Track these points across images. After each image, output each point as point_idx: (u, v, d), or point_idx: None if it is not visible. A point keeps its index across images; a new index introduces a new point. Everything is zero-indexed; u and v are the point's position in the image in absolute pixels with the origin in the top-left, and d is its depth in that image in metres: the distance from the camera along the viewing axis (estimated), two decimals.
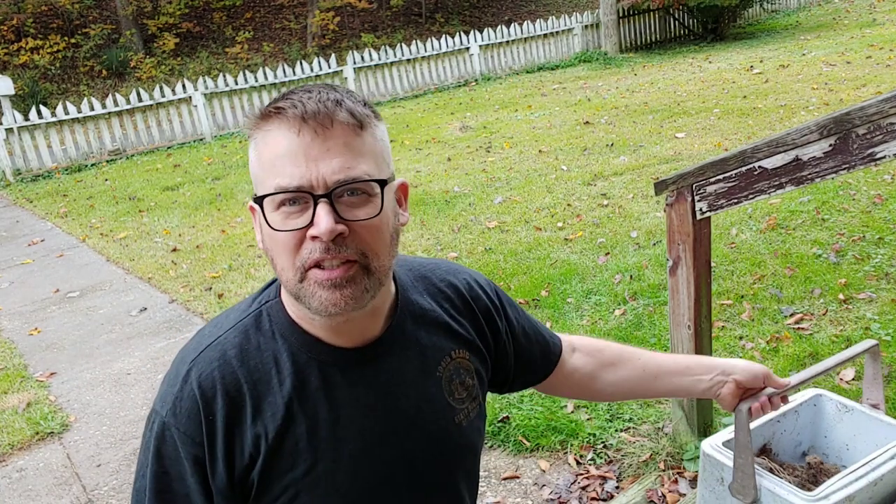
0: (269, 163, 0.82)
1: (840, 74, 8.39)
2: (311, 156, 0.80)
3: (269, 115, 0.83)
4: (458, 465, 1.02)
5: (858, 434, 1.22)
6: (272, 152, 0.82)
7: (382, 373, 0.94)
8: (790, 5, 16.52)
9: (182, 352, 0.94)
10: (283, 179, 0.80)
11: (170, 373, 0.93)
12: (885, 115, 1.55)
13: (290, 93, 0.84)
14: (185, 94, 10.92)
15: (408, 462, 0.95)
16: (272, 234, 0.83)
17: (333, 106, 0.82)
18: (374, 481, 0.93)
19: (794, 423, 1.27)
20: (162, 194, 7.98)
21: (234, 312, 0.96)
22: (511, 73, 13.47)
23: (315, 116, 0.80)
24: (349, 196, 0.82)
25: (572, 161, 6.63)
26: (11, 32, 15.62)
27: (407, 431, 0.95)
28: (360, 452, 0.92)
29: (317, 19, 15.87)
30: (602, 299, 3.79)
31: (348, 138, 0.82)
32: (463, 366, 1.02)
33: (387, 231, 0.86)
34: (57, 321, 4.75)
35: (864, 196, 4.58)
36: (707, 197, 2.04)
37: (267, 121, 0.83)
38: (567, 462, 2.62)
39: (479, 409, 1.05)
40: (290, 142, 0.81)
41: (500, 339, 1.10)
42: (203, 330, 0.96)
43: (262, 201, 0.82)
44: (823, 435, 1.29)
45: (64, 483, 2.96)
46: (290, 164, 0.80)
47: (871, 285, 3.46)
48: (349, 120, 0.82)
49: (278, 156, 0.81)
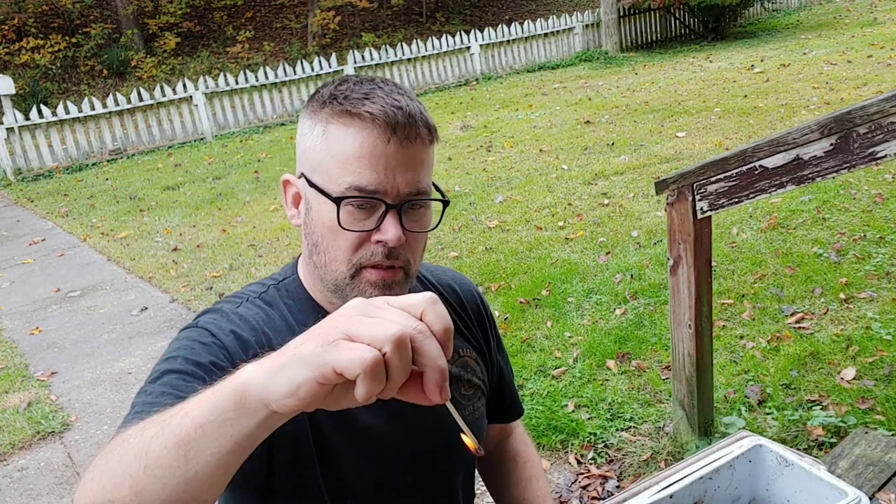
0: (346, 160, 0.83)
1: (841, 73, 8.38)
2: (391, 165, 0.83)
3: (359, 116, 0.83)
4: (459, 463, 1.04)
5: (799, 491, 1.15)
6: (353, 151, 0.83)
7: None
8: (791, 4, 16.51)
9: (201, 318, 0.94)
10: (361, 181, 0.83)
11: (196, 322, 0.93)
12: (886, 114, 1.55)
13: (373, 92, 0.84)
14: (186, 93, 10.93)
15: (411, 453, 0.96)
16: (336, 228, 0.85)
17: (419, 119, 0.85)
18: (377, 465, 0.94)
19: (729, 478, 1.18)
20: (163, 194, 7.98)
21: (251, 287, 0.98)
22: (512, 72, 13.47)
23: (404, 129, 0.83)
24: (411, 209, 0.87)
25: (573, 160, 6.63)
26: (12, 32, 15.62)
27: (413, 423, 0.96)
28: (368, 437, 0.93)
29: (317, 19, 15.87)
30: (603, 298, 3.79)
31: (422, 153, 0.86)
32: (470, 365, 1.05)
33: (426, 241, 0.93)
34: (58, 321, 4.75)
35: (864, 195, 4.57)
36: (708, 196, 2.04)
37: (352, 118, 0.83)
38: (568, 461, 2.62)
39: (483, 409, 1.07)
40: (376, 147, 0.82)
41: (493, 354, 1.14)
42: (222, 306, 0.95)
43: (340, 201, 0.84)
44: (765, 488, 1.21)
45: (65, 482, 2.96)
46: (369, 168, 0.83)
47: (872, 284, 3.46)
48: (427, 135, 0.86)
49: (360, 157, 0.83)
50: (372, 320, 0.53)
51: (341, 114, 0.84)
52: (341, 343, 0.52)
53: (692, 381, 2.38)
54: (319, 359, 0.52)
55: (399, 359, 0.52)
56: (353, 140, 0.83)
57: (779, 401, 2.69)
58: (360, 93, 0.84)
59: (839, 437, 2.40)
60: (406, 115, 0.83)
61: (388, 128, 0.82)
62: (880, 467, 1.74)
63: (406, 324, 0.53)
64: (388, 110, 0.82)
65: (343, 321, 0.54)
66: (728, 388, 2.83)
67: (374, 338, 0.52)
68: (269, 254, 5.40)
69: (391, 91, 0.85)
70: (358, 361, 0.51)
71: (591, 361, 3.19)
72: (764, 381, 2.83)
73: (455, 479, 1.05)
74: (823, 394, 2.69)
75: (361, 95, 0.84)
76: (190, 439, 0.57)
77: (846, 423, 2.47)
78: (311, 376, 0.53)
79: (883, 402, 2.56)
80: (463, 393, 1.03)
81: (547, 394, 2.99)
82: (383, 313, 0.54)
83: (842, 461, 1.79)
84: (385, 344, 0.51)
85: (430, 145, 0.87)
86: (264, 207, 6.75)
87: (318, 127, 0.86)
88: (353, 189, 0.83)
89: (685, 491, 1.16)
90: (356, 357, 0.51)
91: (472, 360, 1.06)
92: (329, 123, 0.85)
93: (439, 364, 0.54)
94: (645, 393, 2.92)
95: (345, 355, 0.51)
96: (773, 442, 1.21)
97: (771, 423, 2.56)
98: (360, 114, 0.83)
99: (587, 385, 3.02)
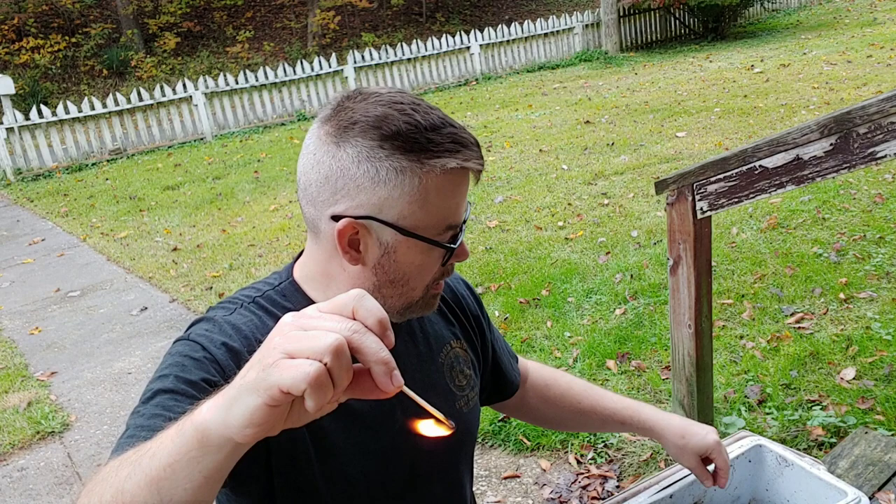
0: (443, 208, 0.86)
1: (841, 73, 8.38)
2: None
3: (458, 170, 0.84)
4: (457, 452, 1.06)
5: (799, 491, 1.16)
6: (449, 200, 0.86)
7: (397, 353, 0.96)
8: (791, 4, 16.50)
9: (196, 327, 0.92)
10: (458, 219, 0.88)
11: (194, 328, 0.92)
12: (885, 114, 1.55)
13: (452, 133, 0.84)
14: (186, 93, 10.93)
15: (410, 444, 0.96)
16: (429, 268, 0.89)
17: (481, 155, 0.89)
18: (379, 461, 0.94)
19: (729, 478, 1.18)
20: (162, 194, 7.98)
21: (245, 291, 0.97)
22: (512, 72, 13.47)
23: (481, 171, 0.87)
24: None
25: (573, 160, 6.63)
26: (12, 32, 15.62)
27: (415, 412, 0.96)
28: (367, 428, 0.93)
29: (317, 18, 15.87)
30: (603, 298, 3.79)
31: None
32: (462, 356, 1.06)
33: None
34: (57, 320, 4.75)
35: (864, 195, 4.57)
36: (708, 196, 2.04)
37: (455, 173, 0.84)
38: (567, 461, 2.62)
39: (477, 398, 1.09)
40: (465, 189, 0.88)
41: (486, 343, 1.15)
42: (215, 314, 0.94)
43: (450, 247, 0.88)
44: (765, 488, 1.22)
45: (65, 482, 2.96)
46: (460, 208, 0.88)
47: (872, 284, 3.46)
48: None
49: (457, 203, 0.87)
50: (307, 333, 0.54)
51: (445, 172, 0.83)
52: (282, 363, 0.53)
53: (692, 381, 2.38)
54: (264, 383, 0.53)
55: (339, 365, 0.53)
56: (451, 190, 0.85)
57: (779, 401, 2.69)
58: (448, 138, 0.84)
59: (839, 437, 2.40)
60: (479, 157, 0.86)
61: (477, 174, 0.87)
62: (880, 467, 1.74)
63: (340, 328, 0.54)
64: (476, 160, 0.85)
65: (280, 340, 0.55)
66: (728, 388, 2.83)
67: (313, 350, 0.53)
68: (269, 253, 5.40)
69: (461, 127, 0.87)
70: (301, 377, 0.52)
71: (590, 361, 3.19)
72: (764, 381, 2.83)
73: (459, 466, 1.07)
74: (823, 394, 2.70)
75: (450, 142, 0.84)
76: (160, 478, 0.59)
77: (846, 423, 2.47)
78: (262, 402, 0.54)
79: (883, 402, 2.56)
80: (457, 384, 1.04)
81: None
82: (317, 322, 0.55)
83: (842, 461, 1.79)
84: (324, 355, 0.52)
85: None
86: (264, 207, 6.75)
87: (407, 178, 0.83)
88: (451, 228, 0.88)
89: (685, 491, 1.16)
90: (298, 374, 0.52)
91: (463, 350, 1.07)
92: (426, 177, 0.83)
93: (382, 357, 0.55)
94: (645, 393, 2.92)
95: (287, 374, 0.52)
96: (772, 442, 1.22)
97: (771, 423, 2.56)
98: (459, 169, 0.84)
99: None
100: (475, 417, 1.09)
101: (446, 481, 1.05)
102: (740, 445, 1.22)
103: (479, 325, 1.13)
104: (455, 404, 1.02)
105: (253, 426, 0.55)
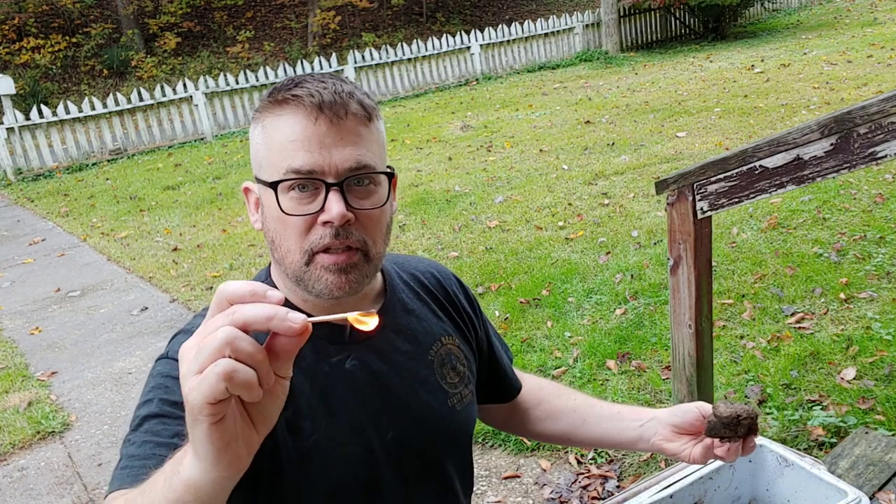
0: (281, 146, 0.84)
1: (841, 73, 8.38)
2: (326, 144, 0.82)
3: (286, 101, 0.84)
4: (450, 450, 1.03)
5: (800, 491, 1.15)
6: (285, 137, 0.83)
7: (374, 353, 0.95)
8: (791, 4, 16.50)
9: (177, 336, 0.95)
10: (296, 163, 0.82)
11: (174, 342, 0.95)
12: (886, 114, 1.55)
13: (302, 80, 0.85)
14: (186, 93, 10.93)
15: (399, 442, 0.95)
16: (282, 217, 0.84)
17: (347, 97, 0.84)
18: (363, 459, 0.92)
19: (729, 478, 1.19)
20: (163, 194, 7.98)
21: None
22: (512, 72, 13.46)
23: (331, 106, 0.83)
24: (357, 185, 0.85)
25: (573, 160, 6.63)
26: (13, 32, 15.62)
27: (399, 411, 0.95)
28: (352, 428, 0.91)
29: (318, 18, 15.86)
30: (603, 298, 3.79)
31: (360, 129, 0.85)
32: (453, 352, 1.03)
33: (385, 220, 0.90)
34: (58, 320, 4.75)
35: (865, 195, 4.57)
36: (708, 196, 2.04)
37: (281, 106, 0.84)
38: (568, 461, 2.62)
39: (471, 396, 1.06)
40: (306, 128, 0.82)
41: (480, 337, 1.12)
42: (192, 325, 0.96)
43: (277, 186, 0.84)
44: (765, 488, 1.21)
45: (65, 482, 2.96)
46: (303, 150, 0.82)
47: (873, 284, 3.46)
48: (361, 112, 0.85)
49: (292, 140, 0.83)
50: (200, 346, 0.54)
51: (272, 104, 0.85)
52: (193, 382, 0.53)
53: (692, 381, 2.38)
54: (195, 409, 0.54)
55: (242, 347, 0.53)
56: (286, 126, 0.83)
57: (779, 401, 2.69)
58: (290, 83, 0.86)
59: (839, 437, 2.40)
60: (332, 93, 0.83)
61: (315, 107, 0.82)
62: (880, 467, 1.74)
63: (222, 321, 0.54)
64: (312, 91, 0.83)
65: (185, 368, 0.55)
66: (728, 388, 2.83)
67: (210, 353, 0.53)
68: (268, 253, 5.39)
69: (322, 77, 0.86)
70: (214, 380, 0.52)
71: (591, 361, 3.19)
72: (764, 381, 2.83)
73: (447, 467, 1.02)
74: (824, 394, 2.69)
75: (291, 84, 0.85)
76: None
77: (846, 423, 2.47)
78: (206, 425, 0.54)
79: (883, 402, 2.56)
80: (448, 381, 1.01)
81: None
82: (203, 331, 0.56)
83: (842, 461, 1.79)
84: (221, 349, 0.53)
85: (370, 123, 0.87)
86: None
87: (258, 126, 0.87)
88: (290, 172, 0.83)
89: (685, 491, 1.16)
90: (210, 379, 0.52)
91: (455, 347, 1.04)
92: (264, 119, 0.86)
93: (267, 313, 0.54)
94: (645, 393, 2.92)
95: (203, 386, 0.53)
96: (773, 442, 1.21)
97: (771, 423, 2.56)
98: (287, 99, 0.83)
99: (587, 385, 3.02)
100: (469, 416, 1.05)
101: (434, 480, 1.01)
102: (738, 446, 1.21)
103: (471, 321, 1.10)
104: (447, 402, 1.00)
105: (226, 451, 0.56)
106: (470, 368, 1.07)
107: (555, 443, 1.26)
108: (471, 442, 1.10)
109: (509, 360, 1.20)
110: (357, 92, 0.86)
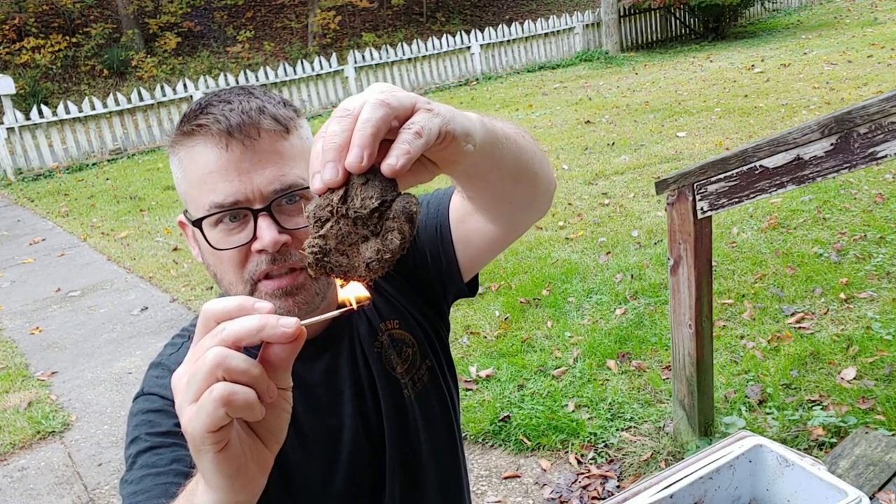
0: (200, 180, 0.80)
1: (841, 73, 8.38)
2: (244, 169, 0.79)
3: (193, 133, 0.80)
4: (420, 441, 0.98)
5: (800, 491, 1.15)
6: (201, 169, 0.80)
7: (329, 368, 0.93)
8: (791, 4, 16.50)
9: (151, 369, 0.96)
10: (218, 196, 0.79)
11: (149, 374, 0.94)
12: (886, 114, 1.55)
13: (207, 104, 0.81)
14: (186, 93, 10.93)
15: (371, 441, 0.94)
16: (215, 252, 0.82)
17: (257, 115, 0.80)
18: (333, 464, 0.92)
19: (729, 478, 1.18)
20: (163, 193, 7.98)
21: (195, 320, 0.95)
22: (512, 72, 13.46)
23: (241, 128, 0.78)
24: (287, 204, 0.81)
25: (573, 160, 6.63)
26: (13, 32, 15.62)
27: (363, 414, 0.94)
28: (323, 435, 0.91)
29: (318, 18, 15.86)
30: (603, 298, 3.79)
31: (276, 145, 0.80)
32: (395, 336, 0.98)
33: None
34: (58, 320, 4.75)
35: (865, 195, 4.57)
36: (708, 196, 2.04)
37: (190, 137, 0.80)
38: (568, 461, 2.62)
39: (431, 373, 1.00)
40: (219, 157, 0.78)
41: (424, 303, 1.02)
42: (161, 358, 0.96)
43: (201, 223, 0.81)
44: (765, 488, 1.21)
45: (65, 482, 2.96)
46: (222, 181, 0.78)
47: (873, 284, 3.46)
48: (274, 126, 0.81)
49: (209, 173, 0.79)
50: (191, 372, 0.51)
51: (181, 136, 0.81)
52: (191, 412, 0.50)
53: (692, 381, 2.38)
54: (197, 440, 0.51)
55: (234, 366, 0.50)
56: (199, 158, 0.80)
57: (779, 401, 2.69)
58: (197, 110, 0.81)
59: (839, 437, 2.40)
60: (240, 113, 0.79)
61: (223, 133, 0.78)
62: (881, 467, 1.74)
63: (211, 342, 0.51)
64: (218, 116, 0.79)
65: (179, 399, 0.52)
66: (728, 388, 2.83)
67: (203, 380, 0.50)
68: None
69: (229, 97, 0.81)
70: (211, 409, 0.49)
71: (591, 361, 3.19)
72: (764, 381, 2.83)
73: (423, 458, 0.99)
74: (824, 394, 2.69)
75: (197, 111, 0.81)
76: None
77: (846, 423, 2.47)
78: (212, 454, 0.51)
79: (883, 401, 2.56)
80: (398, 371, 0.96)
81: (547, 394, 2.99)
82: (192, 357, 0.52)
83: (842, 461, 1.79)
84: (214, 373, 0.50)
85: (288, 135, 0.82)
86: None
87: (174, 160, 0.84)
88: (214, 207, 0.79)
89: (685, 491, 1.16)
90: (208, 407, 0.49)
91: (395, 329, 0.98)
92: (178, 152, 0.83)
93: (258, 324, 0.51)
94: (645, 393, 2.92)
95: (201, 416, 0.50)
96: (773, 442, 1.21)
97: (771, 423, 2.56)
98: (194, 130, 0.80)
99: (587, 385, 3.02)
100: (430, 400, 0.99)
101: (408, 476, 0.97)
102: (741, 445, 1.21)
103: (403, 288, 0.99)
104: (403, 392, 0.96)
105: (239, 474, 0.53)
106: (419, 340, 0.99)
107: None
108: (447, 428, 1.03)
109: (446, 210, 0.98)
110: (269, 105, 0.82)
